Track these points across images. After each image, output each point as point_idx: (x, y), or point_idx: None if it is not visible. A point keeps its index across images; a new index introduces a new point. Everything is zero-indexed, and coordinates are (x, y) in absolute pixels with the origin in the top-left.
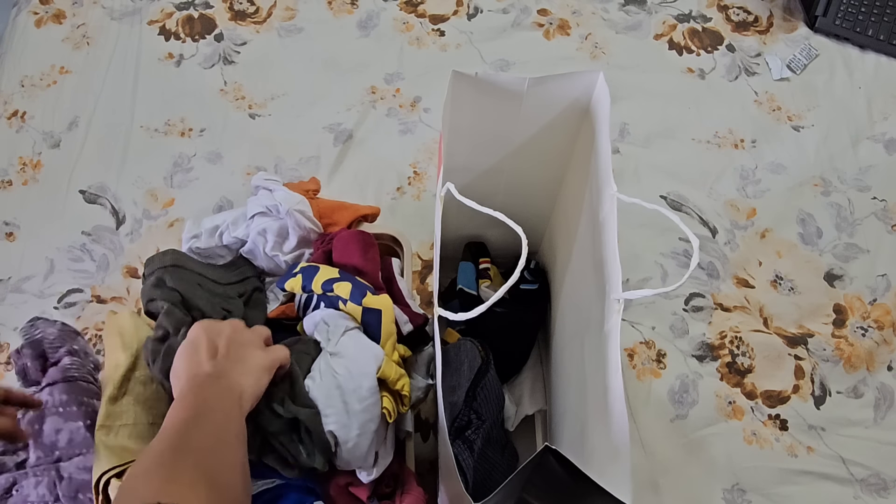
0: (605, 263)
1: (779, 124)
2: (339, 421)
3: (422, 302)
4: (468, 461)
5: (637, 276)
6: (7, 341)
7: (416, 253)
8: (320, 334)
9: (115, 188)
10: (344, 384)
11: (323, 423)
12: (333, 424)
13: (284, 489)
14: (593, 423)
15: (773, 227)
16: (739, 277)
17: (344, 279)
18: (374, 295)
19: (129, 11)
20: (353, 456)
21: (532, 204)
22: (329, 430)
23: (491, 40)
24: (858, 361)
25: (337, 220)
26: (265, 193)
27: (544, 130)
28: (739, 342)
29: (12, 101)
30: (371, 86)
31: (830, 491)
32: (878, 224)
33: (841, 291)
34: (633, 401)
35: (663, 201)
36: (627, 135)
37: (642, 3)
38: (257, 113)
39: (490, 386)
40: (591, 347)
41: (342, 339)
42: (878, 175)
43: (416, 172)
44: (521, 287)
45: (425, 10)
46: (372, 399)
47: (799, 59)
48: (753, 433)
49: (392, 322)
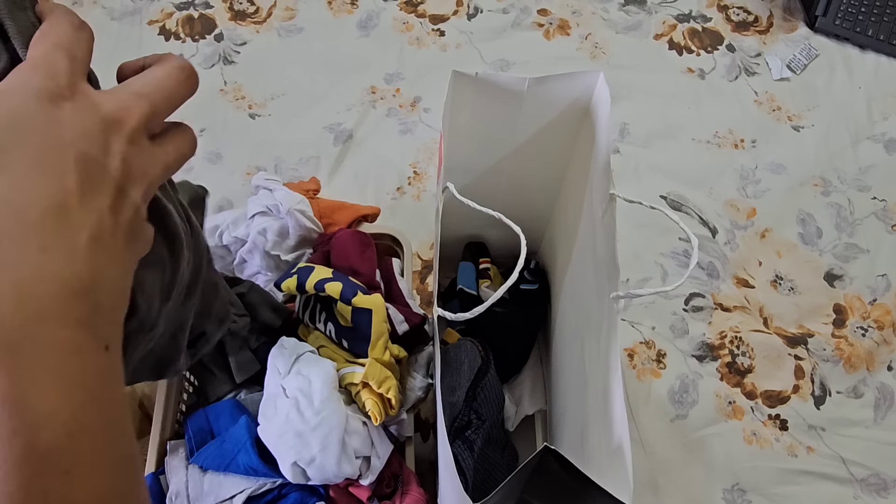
0: (605, 263)
1: (779, 124)
2: (295, 447)
3: (422, 302)
4: (468, 461)
5: (637, 276)
6: None
7: (416, 253)
8: (274, 362)
9: None
10: (299, 403)
11: (280, 464)
12: (292, 455)
13: (286, 489)
14: (593, 423)
15: (773, 227)
16: (739, 277)
17: (336, 279)
18: (366, 295)
19: (129, 11)
20: (325, 473)
21: (532, 204)
22: (292, 462)
23: (491, 40)
24: (858, 361)
25: (337, 219)
26: (265, 193)
27: (544, 130)
28: (739, 342)
29: None
30: (371, 86)
31: (830, 491)
32: (878, 224)
33: (841, 291)
34: (633, 401)
35: (663, 201)
36: (627, 135)
37: (642, 3)
38: (257, 113)
39: (490, 386)
40: (591, 347)
41: (294, 364)
42: (878, 175)
43: (416, 172)
44: (521, 287)
45: (425, 10)
46: (326, 410)
47: (799, 59)
48: (753, 433)
49: (383, 322)
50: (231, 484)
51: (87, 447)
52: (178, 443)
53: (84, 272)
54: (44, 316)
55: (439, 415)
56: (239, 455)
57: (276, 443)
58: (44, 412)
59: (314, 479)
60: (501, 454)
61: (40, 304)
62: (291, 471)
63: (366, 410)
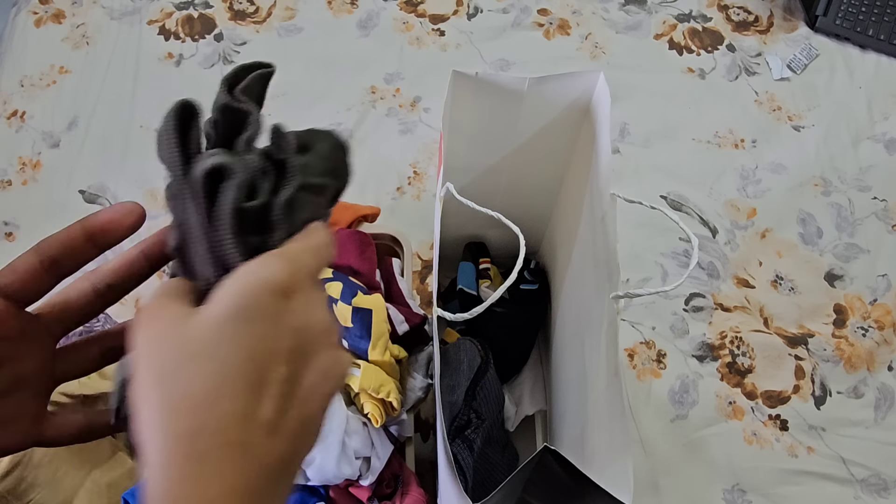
0: (605, 263)
1: (779, 124)
2: None
3: (422, 302)
4: (468, 460)
5: (637, 276)
6: None
7: (416, 253)
8: None
9: (115, 188)
10: None
11: None
12: None
13: None
14: (593, 424)
15: (773, 227)
16: (739, 277)
17: (336, 279)
18: (366, 295)
19: (128, 11)
20: (325, 474)
21: (532, 204)
22: None
23: (491, 40)
24: (859, 361)
25: (337, 219)
26: None
27: (544, 130)
28: (740, 342)
29: (12, 100)
30: (371, 86)
31: (831, 491)
32: (878, 224)
33: (841, 291)
34: (633, 401)
35: (663, 201)
36: (627, 135)
37: (642, 3)
38: None
39: (490, 385)
40: (591, 347)
41: None
42: (879, 175)
43: (416, 172)
44: (521, 287)
45: (425, 10)
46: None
47: (799, 59)
48: (754, 433)
49: (383, 322)
50: None
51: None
52: None
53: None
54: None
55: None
56: None
57: None
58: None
59: (314, 480)
60: (501, 454)
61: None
62: None
63: (365, 413)
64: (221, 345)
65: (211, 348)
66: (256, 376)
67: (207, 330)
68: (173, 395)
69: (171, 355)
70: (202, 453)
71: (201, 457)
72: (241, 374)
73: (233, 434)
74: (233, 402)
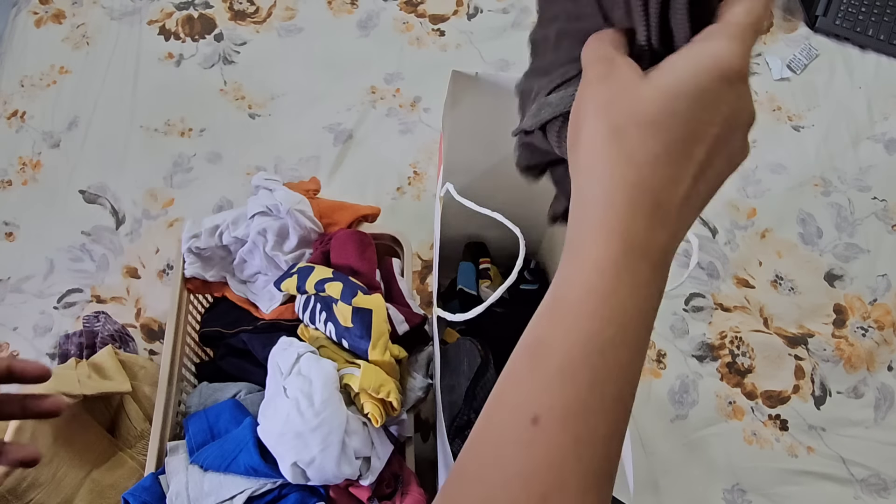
0: None
1: (779, 124)
2: (295, 448)
3: (422, 302)
4: None
5: None
6: (7, 341)
7: (416, 253)
8: (275, 362)
9: (115, 188)
10: (300, 404)
11: (280, 464)
12: (292, 456)
13: (286, 490)
14: None
15: (773, 227)
16: (739, 277)
17: (336, 279)
18: (366, 295)
19: (128, 11)
20: (325, 474)
21: (532, 204)
22: (292, 462)
23: (491, 40)
24: (859, 361)
25: (337, 219)
26: (265, 193)
27: None
28: (739, 342)
29: (12, 100)
30: (371, 86)
31: (830, 491)
32: (878, 224)
33: (841, 291)
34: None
35: None
36: None
37: None
38: (257, 113)
39: (490, 385)
40: None
41: (295, 365)
42: (879, 175)
43: (416, 172)
44: (521, 287)
45: (425, 10)
46: (327, 411)
47: (799, 59)
48: (753, 433)
49: (383, 322)
50: (231, 484)
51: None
52: (178, 443)
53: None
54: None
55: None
56: (240, 455)
57: (276, 443)
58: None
59: (314, 480)
60: None
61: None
62: (291, 471)
63: (365, 413)
64: (672, 118)
65: (662, 118)
66: (688, 153)
67: (660, 101)
68: (622, 149)
69: (624, 115)
70: (636, 203)
71: (633, 204)
72: (680, 148)
73: (662, 195)
74: (668, 169)
